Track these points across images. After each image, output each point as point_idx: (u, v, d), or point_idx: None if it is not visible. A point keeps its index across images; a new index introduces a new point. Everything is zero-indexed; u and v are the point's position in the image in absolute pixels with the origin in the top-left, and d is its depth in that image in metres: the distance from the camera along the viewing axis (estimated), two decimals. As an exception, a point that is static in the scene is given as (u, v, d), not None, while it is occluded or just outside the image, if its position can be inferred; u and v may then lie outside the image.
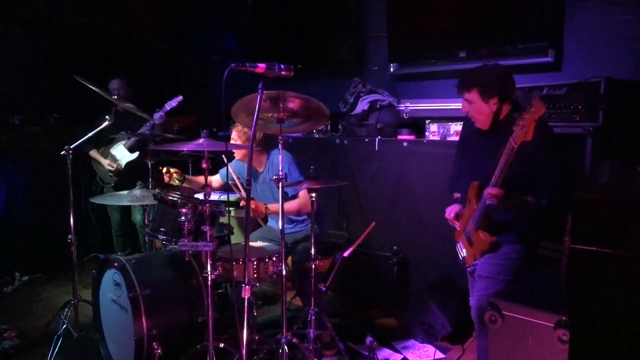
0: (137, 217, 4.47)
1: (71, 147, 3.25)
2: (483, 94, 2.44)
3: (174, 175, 3.19)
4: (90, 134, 3.34)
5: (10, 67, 4.62)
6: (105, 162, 4.32)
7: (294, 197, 3.24)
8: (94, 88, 3.46)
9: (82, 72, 3.84)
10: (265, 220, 3.57)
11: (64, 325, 3.15)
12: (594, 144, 2.94)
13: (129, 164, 4.27)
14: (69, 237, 3.34)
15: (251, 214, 3.11)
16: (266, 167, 3.30)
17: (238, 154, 3.32)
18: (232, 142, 3.21)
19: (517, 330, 1.75)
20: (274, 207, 3.10)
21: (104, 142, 4.36)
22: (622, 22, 3.21)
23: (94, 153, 4.40)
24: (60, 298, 4.14)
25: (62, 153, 3.29)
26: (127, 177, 4.24)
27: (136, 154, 4.26)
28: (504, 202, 2.30)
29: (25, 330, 3.46)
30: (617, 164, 2.84)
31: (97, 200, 3.33)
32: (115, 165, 4.30)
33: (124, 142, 4.27)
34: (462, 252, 2.64)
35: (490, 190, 2.30)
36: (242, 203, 3.23)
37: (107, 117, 3.33)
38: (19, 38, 4.68)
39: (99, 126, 3.48)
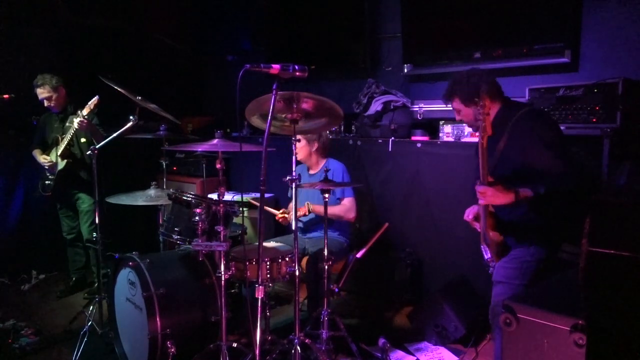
0: (83, 228, 4.11)
1: (96, 147, 3.29)
2: (464, 100, 2.51)
3: None
4: (114, 135, 3.36)
5: (29, 69, 4.70)
6: (46, 167, 3.95)
7: (339, 201, 3.43)
8: (118, 88, 3.49)
9: (99, 73, 3.89)
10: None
11: (89, 322, 3.19)
12: (611, 145, 2.90)
13: (60, 172, 3.89)
14: (94, 235, 3.38)
15: (297, 216, 3.21)
16: (319, 172, 3.45)
17: (299, 154, 3.45)
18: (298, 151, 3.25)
19: (532, 334, 1.73)
20: (316, 206, 3.34)
21: (50, 143, 3.99)
22: (640, 22, 3.17)
23: (36, 154, 4.00)
24: (77, 296, 4.20)
25: (87, 153, 3.32)
26: (59, 186, 3.94)
27: (65, 162, 3.87)
28: (495, 198, 2.28)
29: (43, 327, 3.51)
30: (635, 165, 2.79)
31: (113, 200, 3.36)
32: (50, 174, 3.95)
33: (58, 146, 3.87)
34: (487, 253, 2.62)
35: (476, 188, 2.31)
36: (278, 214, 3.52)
37: (131, 117, 3.35)
38: (38, 40, 4.76)
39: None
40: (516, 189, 2.27)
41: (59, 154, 3.86)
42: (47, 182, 3.99)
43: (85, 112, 3.47)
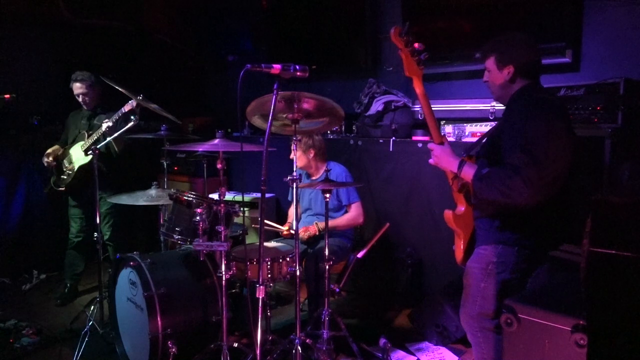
0: (104, 228, 4.04)
1: (97, 146, 3.29)
2: (498, 61, 2.28)
3: None
4: (115, 134, 3.36)
5: (30, 68, 4.70)
6: (64, 163, 3.89)
7: (345, 211, 3.44)
8: (119, 88, 3.49)
9: (100, 72, 3.90)
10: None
11: (90, 322, 3.19)
12: (612, 145, 2.90)
13: (81, 168, 3.79)
14: (95, 235, 3.38)
15: (306, 237, 3.32)
16: (321, 177, 3.38)
17: (298, 163, 3.37)
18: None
19: (533, 334, 1.73)
20: (323, 224, 3.10)
21: (74, 139, 3.95)
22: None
23: (50, 149, 3.98)
24: (78, 296, 4.19)
25: (88, 153, 3.33)
26: (77, 182, 3.84)
27: (89, 158, 3.68)
28: (441, 159, 2.23)
29: (44, 327, 3.51)
30: (637, 165, 2.79)
31: (114, 200, 3.35)
32: (69, 167, 3.86)
33: (82, 142, 3.79)
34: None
35: (428, 145, 2.25)
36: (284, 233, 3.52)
37: (132, 117, 3.36)
38: (38, 40, 4.76)
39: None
40: (463, 160, 2.15)
41: (83, 149, 3.76)
42: (62, 176, 3.87)
43: (116, 117, 3.45)
